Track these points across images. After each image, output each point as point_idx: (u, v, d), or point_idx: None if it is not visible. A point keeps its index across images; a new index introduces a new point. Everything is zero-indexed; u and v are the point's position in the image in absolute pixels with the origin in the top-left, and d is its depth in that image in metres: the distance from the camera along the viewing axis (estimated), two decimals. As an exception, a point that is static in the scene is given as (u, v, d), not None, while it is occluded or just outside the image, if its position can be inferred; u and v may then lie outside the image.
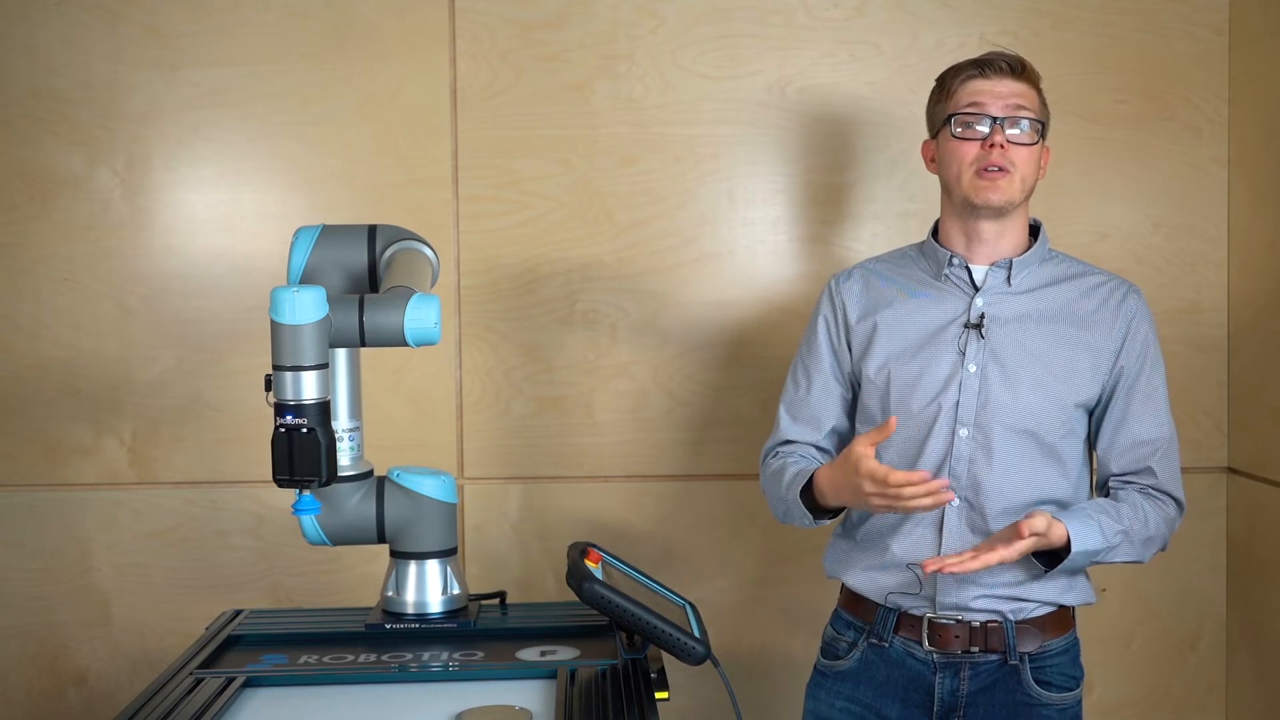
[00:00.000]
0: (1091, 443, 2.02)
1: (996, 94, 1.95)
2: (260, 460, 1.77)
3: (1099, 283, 2.01)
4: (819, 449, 2.10)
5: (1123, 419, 1.96)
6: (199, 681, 1.71)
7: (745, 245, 2.69)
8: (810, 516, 1.98)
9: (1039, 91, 2.02)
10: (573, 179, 2.67)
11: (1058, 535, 1.83)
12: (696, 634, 1.76)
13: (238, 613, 2.04)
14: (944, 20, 2.66)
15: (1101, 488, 2.02)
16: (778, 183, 2.68)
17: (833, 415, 2.09)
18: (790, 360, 2.17)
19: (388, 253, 1.90)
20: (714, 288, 2.69)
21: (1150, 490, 1.97)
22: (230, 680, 1.71)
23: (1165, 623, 2.75)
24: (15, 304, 2.66)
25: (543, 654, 1.81)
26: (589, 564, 1.78)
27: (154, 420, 2.68)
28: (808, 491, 1.97)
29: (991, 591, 1.93)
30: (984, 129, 1.94)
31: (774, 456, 2.10)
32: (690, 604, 1.91)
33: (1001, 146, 1.93)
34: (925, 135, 2.11)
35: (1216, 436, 2.71)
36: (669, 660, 1.79)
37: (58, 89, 2.63)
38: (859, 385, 2.06)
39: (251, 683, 1.72)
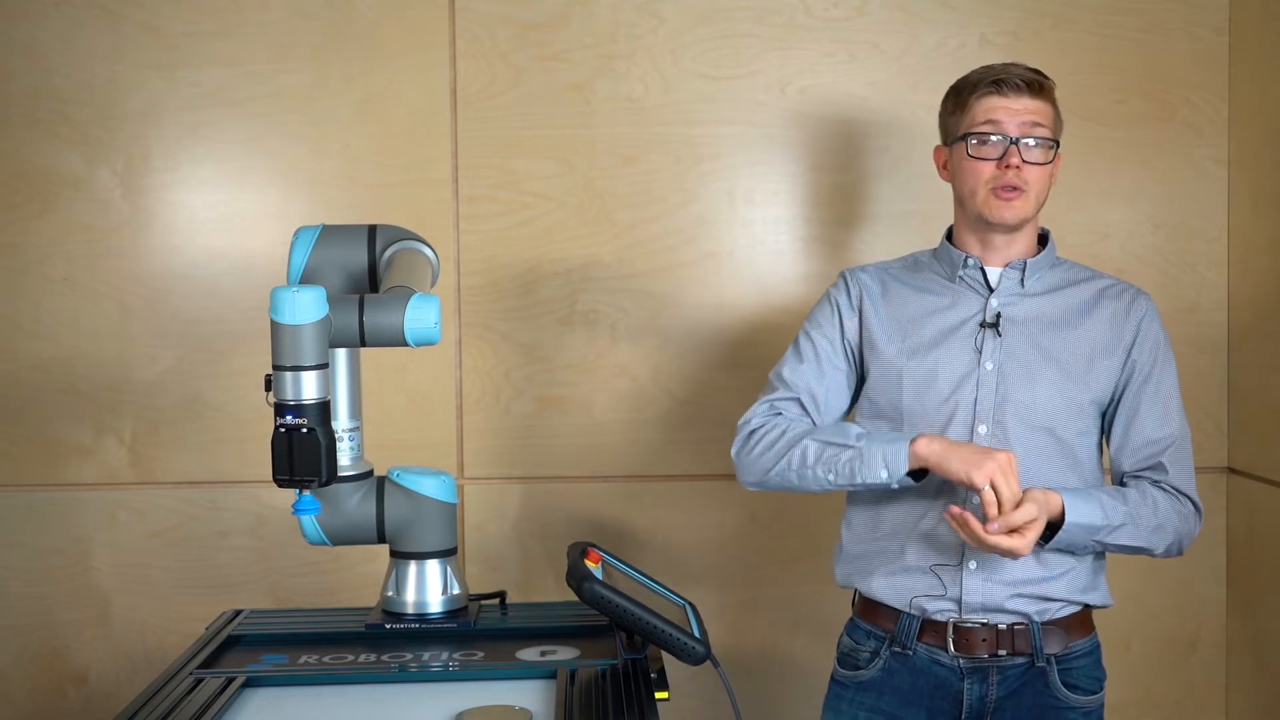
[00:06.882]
0: (1106, 441, 2.03)
1: (1013, 111, 1.92)
2: (260, 460, 1.77)
3: (1107, 285, 2.03)
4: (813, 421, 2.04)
5: (1133, 416, 1.97)
6: (199, 681, 1.70)
7: (745, 245, 2.68)
8: (904, 468, 1.87)
9: (1054, 104, 1.98)
10: (573, 179, 2.67)
11: (1054, 506, 1.84)
12: (696, 634, 1.76)
13: (238, 613, 2.04)
14: (944, 20, 2.66)
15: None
16: (778, 183, 2.68)
17: (833, 390, 2.04)
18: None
19: (388, 253, 1.90)
20: (714, 288, 2.69)
21: (1164, 485, 1.97)
22: (230, 680, 1.70)
23: (1165, 624, 2.75)
24: (15, 304, 2.66)
25: (543, 654, 1.81)
26: (589, 564, 1.78)
27: (154, 420, 2.68)
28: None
29: (1019, 590, 1.92)
30: (999, 149, 1.93)
31: (773, 423, 2.03)
32: (690, 604, 1.91)
33: (1017, 167, 1.92)
34: (926, 136, 2.11)
35: (1216, 436, 2.71)
36: (669, 660, 1.79)
37: (58, 89, 2.63)
38: (865, 375, 2.04)
39: (251, 683, 1.72)
